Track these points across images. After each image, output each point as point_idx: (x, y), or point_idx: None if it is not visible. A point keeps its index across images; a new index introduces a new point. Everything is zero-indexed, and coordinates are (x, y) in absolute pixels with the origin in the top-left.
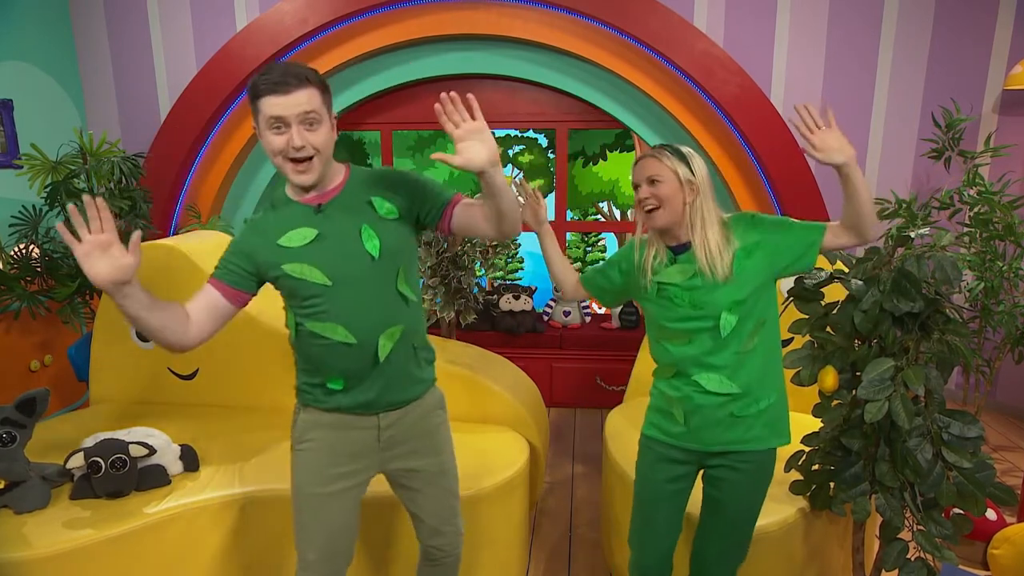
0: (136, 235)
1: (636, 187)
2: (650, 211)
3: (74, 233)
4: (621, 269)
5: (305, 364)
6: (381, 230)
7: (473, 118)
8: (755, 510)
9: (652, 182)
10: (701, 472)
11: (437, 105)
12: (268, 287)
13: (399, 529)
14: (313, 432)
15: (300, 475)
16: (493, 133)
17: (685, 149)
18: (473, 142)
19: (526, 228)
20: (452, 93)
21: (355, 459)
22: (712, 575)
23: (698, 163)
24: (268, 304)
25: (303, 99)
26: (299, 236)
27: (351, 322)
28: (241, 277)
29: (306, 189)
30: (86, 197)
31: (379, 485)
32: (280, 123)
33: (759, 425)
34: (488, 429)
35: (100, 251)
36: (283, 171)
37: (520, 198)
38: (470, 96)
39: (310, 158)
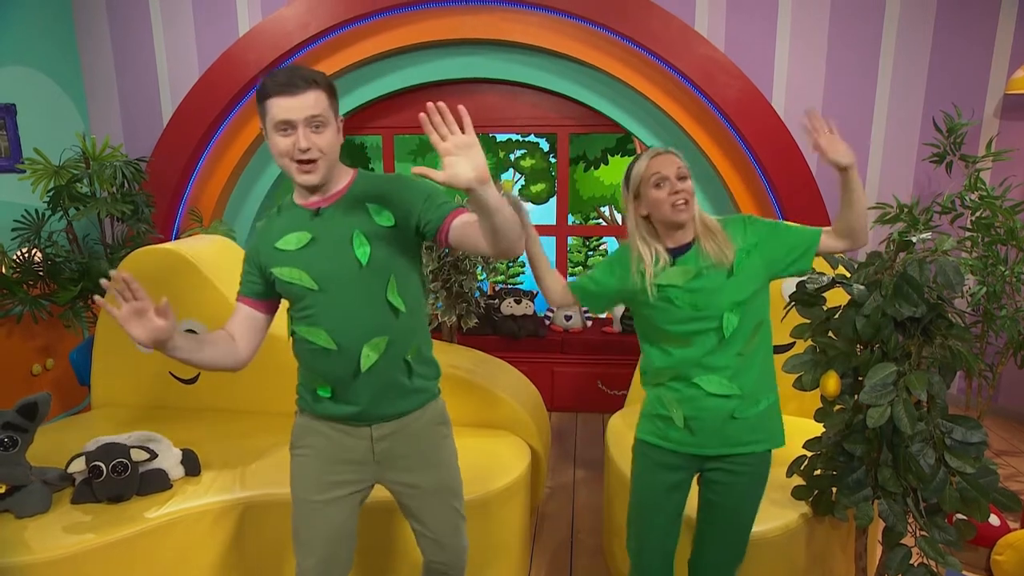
0: (164, 301)
1: (659, 184)
2: (682, 205)
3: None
4: (615, 274)
5: (301, 369)
6: (374, 237)
7: (463, 131)
8: (752, 513)
9: (682, 178)
10: (697, 476)
11: (422, 115)
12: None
13: (400, 537)
14: (308, 437)
15: (296, 481)
16: (494, 137)
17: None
18: (460, 157)
19: None
20: (440, 103)
21: (350, 467)
22: None
23: None
24: None
25: (310, 101)
26: (295, 239)
27: (335, 328)
28: (259, 287)
29: (311, 192)
30: (112, 273)
31: (380, 491)
32: (287, 126)
33: (757, 428)
34: (489, 433)
35: (137, 317)
36: (288, 172)
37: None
38: (461, 108)
39: (315, 160)
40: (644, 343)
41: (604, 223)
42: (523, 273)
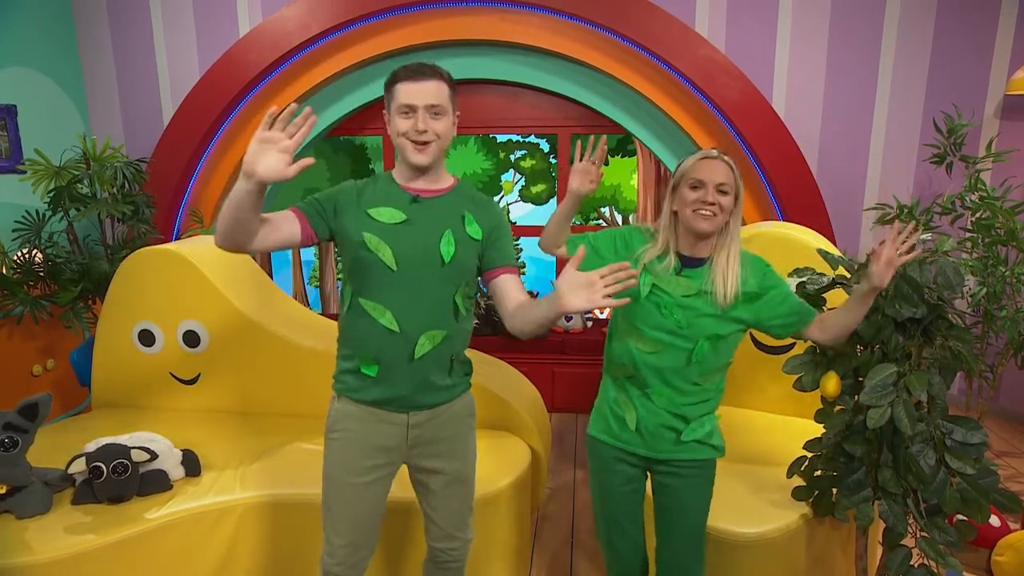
0: (307, 160)
1: (695, 187)
2: (706, 214)
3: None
4: (616, 248)
5: (345, 346)
6: (461, 242)
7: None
8: (703, 515)
9: (721, 191)
10: (649, 481)
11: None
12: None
13: (407, 536)
14: (345, 422)
15: (332, 464)
16: (495, 138)
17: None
18: (583, 293)
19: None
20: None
21: (384, 452)
22: None
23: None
24: (271, 310)
25: (432, 90)
26: (388, 214)
27: (400, 311)
28: (321, 220)
29: (416, 175)
30: (307, 109)
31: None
32: (409, 110)
33: (702, 441)
34: (490, 434)
35: (275, 150)
36: (403, 150)
37: (584, 162)
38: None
39: (429, 142)
40: (614, 335)
41: (604, 224)
42: (523, 275)
